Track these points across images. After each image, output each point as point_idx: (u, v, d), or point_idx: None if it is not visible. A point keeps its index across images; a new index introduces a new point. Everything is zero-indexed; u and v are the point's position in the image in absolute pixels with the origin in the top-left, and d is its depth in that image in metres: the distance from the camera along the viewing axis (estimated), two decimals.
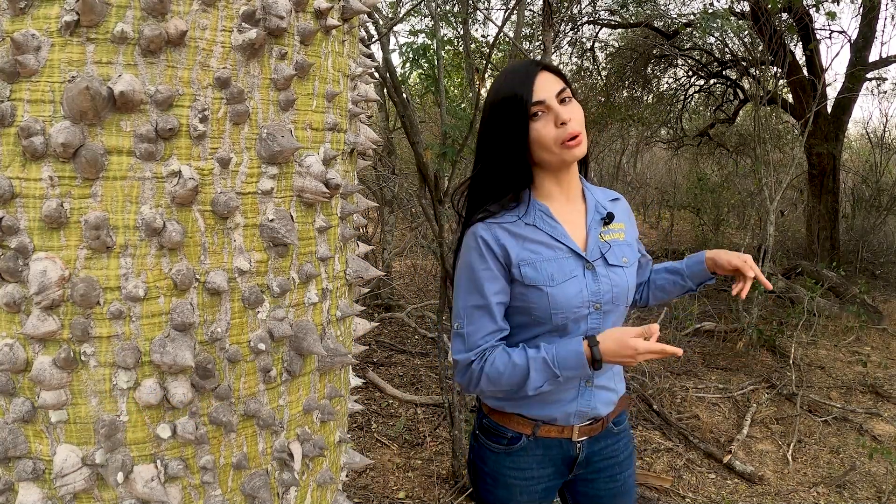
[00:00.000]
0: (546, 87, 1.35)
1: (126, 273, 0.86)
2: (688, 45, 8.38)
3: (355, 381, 1.30)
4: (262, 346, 0.96)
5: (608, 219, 1.46)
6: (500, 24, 5.12)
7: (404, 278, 6.96)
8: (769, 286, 1.53)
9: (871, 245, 8.03)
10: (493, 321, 1.38)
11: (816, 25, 6.76)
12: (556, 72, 1.41)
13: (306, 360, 1.04)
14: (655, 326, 1.29)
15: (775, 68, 6.37)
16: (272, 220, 0.95)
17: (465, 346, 1.39)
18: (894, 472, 3.32)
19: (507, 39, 5.34)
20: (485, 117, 1.41)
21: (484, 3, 6.66)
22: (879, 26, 7.65)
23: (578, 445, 1.49)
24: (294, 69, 0.95)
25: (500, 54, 6.15)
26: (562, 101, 1.36)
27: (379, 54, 3.15)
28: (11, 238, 0.83)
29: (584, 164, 1.57)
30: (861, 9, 6.69)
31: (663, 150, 12.10)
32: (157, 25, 0.83)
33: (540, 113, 1.35)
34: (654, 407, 3.94)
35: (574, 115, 1.36)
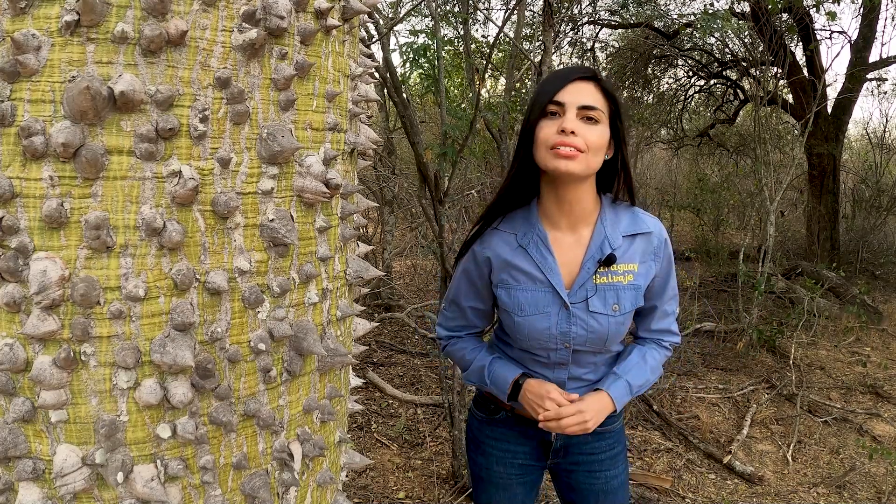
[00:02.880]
0: (577, 94, 1.27)
1: (126, 273, 0.86)
2: (688, 46, 8.38)
3: (355, 381, 1.30)
4: (262, 346, 0.96)
5: (606, 261, 1.33)
6: (500, 24, 5.12)
7: (404, 278, 6.96)
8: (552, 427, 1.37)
9: (871, 245, 8.04)
10: (465, 319, 1.55)
11: (817, 26, 6.76)
12: (606, 91, 1.30)
13: (306, 360, 1.04)
14: (575, 396, 1.38)
15: (775, 69, 6.37)
16: (272, 220, 0.95)
17: (444, 324, 1.59)
18: (894, 472, 3.32)
19: (507, 39, 5.34)
20: None
21: (484, 4, 6.66)
22: (879, 27, 7.66)
23: (554, 433, 1.51)
24: (294, 69, 0.95)
25: (500, 54, 6.15)
26: (585, 118, 1.27)
27: (379, 54, 3.15)
28: (12, 238, 0.83)
29: (628, 192, 1.42)
30: (861, 9, 6.69)
31: (663, 151, 12.09)
32: (158, 25, 0.83)
33: (556, 114, 1.28)
34: (654, 407, 3.94)
35: (586, 134, 1.25)
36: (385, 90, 3.60)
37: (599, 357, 1.44)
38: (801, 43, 6.99)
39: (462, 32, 4.62)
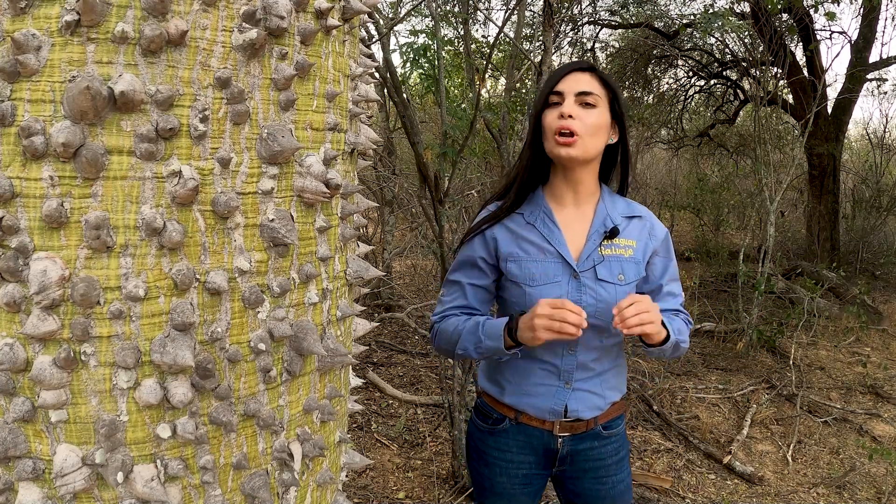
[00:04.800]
0: (574, 83, 1.39)
1: (126, 273, 0.86)
2: (688, 46, 8.38)
3: (355, 381, 1.30)
4: (262, 346, 0.96)
5: (611, 233, 1.42)
6: (500, 24, 5.12)
7: (404, 278, 6.96)
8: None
9: (871, 246, 8.04)
10: (464, 298, 1.52)
11: (817, 26, 6.76)
12: (601, 77, 1.42)
13: (306, 360, 1.04)
14: (570, 304, 1.27)
15: (776, 69, 6.37)
16: (272, 220, 0.95)
17: (439, 310, 1.55)
18: (894, 472, 3.32)
19: (507, 40, 5.34)
20: None
21: (484, 4, 6.67)
22: (880, 27, 7.66)
23: (560, 440, 1.49)
24: (295, 69, 0.95)
25: (500, 54, 6.16)
26: (583, 104, 1.38)
27: (379, 54, 3.15)
28: (12, 238, 0.83)
29: (622, 179, 1.53)
30: (861, 9, 6.69)
31: (663, 151, 12.10)
32: (158, 25, 0.83)
33: (557, 104, 1.39)
34: (654, 407, 3.94)
35: (584, 117, 1.37)
36: (385, 90, 3.61)
37: (606, 339, 1.45)
38: (801, 43, 6.99)
39: (462, 32, 4.62)
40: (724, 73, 8.63)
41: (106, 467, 0.88)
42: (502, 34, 3.58)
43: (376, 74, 3.03)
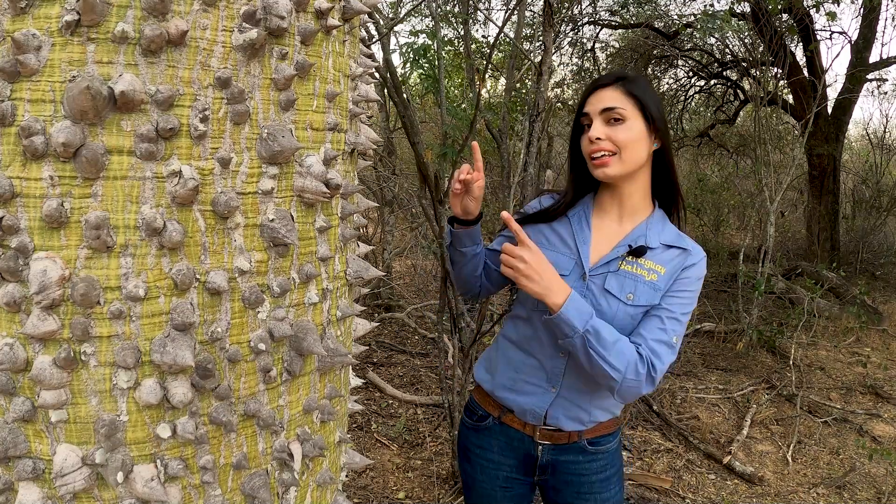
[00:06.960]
0: (597, 101, 1.36)
1: (126, 273, 0.86)
2: (688, 46, 8.39)
3: (355, 382, 1.30)
4: (262, 346, 0.96)
5: (637, 251, 1.37)
6: (500, 24, 5.12)
7: (404, 278, 6.96)
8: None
9: (871, 246, 8.04)
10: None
11: (817, 26, 6.76)
12: (628, 90, 1.34)
13: (306, 360, 1.04)
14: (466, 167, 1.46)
15: (776, 69, 6.37)
16: (272, 220, 0.95)
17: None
18: (894, 473, 3.32)
19: (507, 40, 5.33)
20: None
21: (484, 4, 6.67)
22: (880, 27, 7.65)
23: (540, 448, 1.48)
24: (295, 69, 0.95)
25: (500, 55, 6.16)
26: (609, 121, 1.34)
27: (379, 54, 3.14)
28: (12, 237, 0.83)
29: (672, 205, 1.46)
30: (861, 10, 6.69)
31: None
32: (158, 25, 0.83)
33: (588, 125, 1.39)
34: (654, 407, 3.94)
35: (613, 135, 1.33)
36: (385, 90, 3.61)
37: None
38: (801, 43, 6.99)
39: (462, 33, 4.62)
40: (724, 73, 8.63)
41: (106, 467, 0.88)
42: (502, 34, 3.58)
43: (376, 74, 3.03)
